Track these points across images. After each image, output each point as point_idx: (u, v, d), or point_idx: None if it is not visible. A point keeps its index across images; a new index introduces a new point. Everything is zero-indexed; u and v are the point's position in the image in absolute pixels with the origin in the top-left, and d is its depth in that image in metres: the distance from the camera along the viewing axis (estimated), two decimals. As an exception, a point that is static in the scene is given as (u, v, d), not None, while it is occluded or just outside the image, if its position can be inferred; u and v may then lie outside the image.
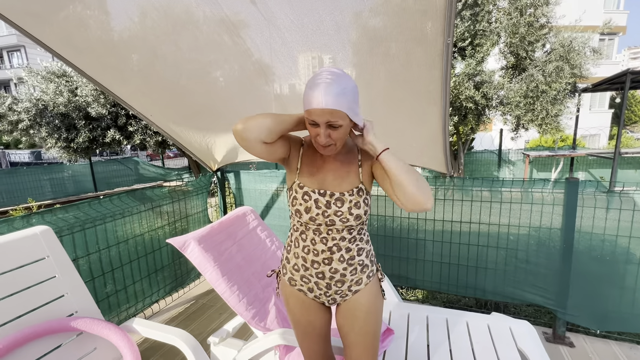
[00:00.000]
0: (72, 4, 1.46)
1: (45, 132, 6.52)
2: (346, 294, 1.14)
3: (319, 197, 1.06)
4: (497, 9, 5.58)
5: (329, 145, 1.00)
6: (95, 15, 1.56)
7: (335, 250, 1.08)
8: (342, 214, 1.05)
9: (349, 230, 1.08)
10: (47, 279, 1.55)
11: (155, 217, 2.61)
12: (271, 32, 1.61)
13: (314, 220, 1.07)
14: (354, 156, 1.12)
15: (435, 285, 2.63)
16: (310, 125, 0.99)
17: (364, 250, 1.13)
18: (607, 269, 2.12)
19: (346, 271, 1.10)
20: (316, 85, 0.92)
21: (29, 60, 23.59)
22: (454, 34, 5.45)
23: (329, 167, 1.10)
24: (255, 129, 0.96)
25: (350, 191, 1.06)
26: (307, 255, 1.12)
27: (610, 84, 6.37)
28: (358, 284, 1.13)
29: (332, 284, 1.12)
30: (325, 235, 1.08)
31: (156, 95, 2.20)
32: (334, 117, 0.93)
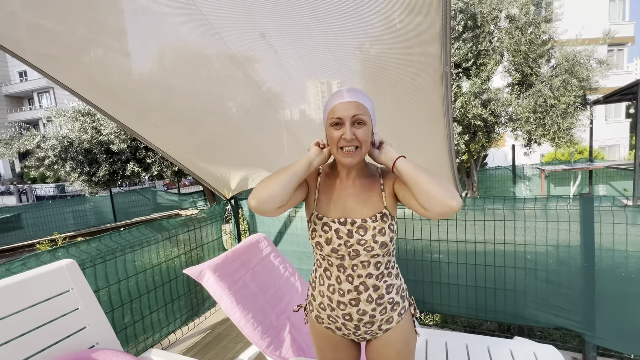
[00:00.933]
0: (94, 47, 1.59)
1: (69, 167, 6.88)
2: (377, 333, 1.07)
3: (339, 227, 1.00)
4: (498, 29, 5.71)
5: (355, 149, 0.96)
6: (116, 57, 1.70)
7: (362, 289, 1.00)
8: (366, 242, 0.98)
9: (376, 265, 1.01)
10: (71, 311, 1.61)
11: (171, 246, 2.69)
12: (278, 70, 1.73)
13: (336, 251, 1.00)
14: (375, 180, 1.06)
15: (453, 309, 2.55)
16: (333, 127, 0.96)
17: (394, 286, 1.05)
18: (635, 288, 2.02)
19: (375, 312, 1.02)
20: (338, 91, 0.99)
21: (57, 100, 25.28)
22: (458, 55, 5.58)
23: (348, 192, 1.04)
24: (269, 200, 0.92)
25: (373, 217, 0.99)
26: (332, 295, 1.04)
27: (622, 94, 6.29)
28: (389, 322, 1.05)
29: (360, 325, 1.04)
30: (350, 272, 1.00)
31: (172, 129, 2.33)
32: (360, 110, 0.94)
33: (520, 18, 5.50)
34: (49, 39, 1.46)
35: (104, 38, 1.54)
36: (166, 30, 1.52)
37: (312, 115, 2.10)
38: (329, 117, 0.98)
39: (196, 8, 1.36)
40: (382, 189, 1.04)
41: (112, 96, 1.95)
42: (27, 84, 26.92)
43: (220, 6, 1.38)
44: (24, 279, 1.51)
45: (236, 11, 1.39)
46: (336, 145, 0.98)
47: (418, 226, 2.62)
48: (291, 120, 2.24)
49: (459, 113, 5.66)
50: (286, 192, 0.94)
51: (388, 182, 1.05)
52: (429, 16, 1.27)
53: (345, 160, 0.98)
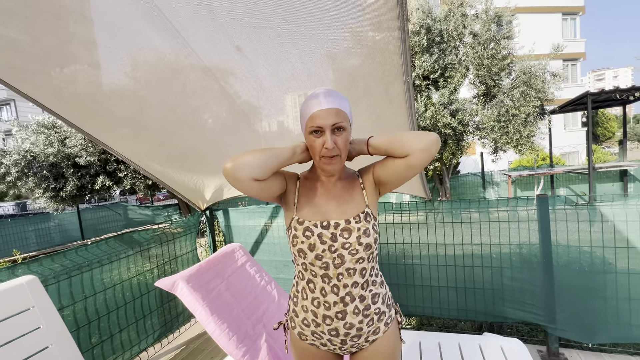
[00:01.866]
0: (61, 58, 1.55)
1: (32, 183, 6.51)
2: (363, 345, 1.04)
3: (322, 231, 0.96)
4: (463, 44, 6.08)
5: (335, 157, 0.95)
6: (85, 69, 1.68)
7: (348, 300, 0.97)
8: (351, 245, 0.95)
9: (362, 272, 0.98)
10: (31, 330, 1.53)
11: (143, 260, 2.60)
12: (253, 82, 1.77)
13: (320, 258, 0.96)
14: (355, 180, 1.06)
15: (428, 310, 2.62)
16: (312, 135, 0.94)
17: (379, 295, 1.02)
18: (588, 281, 2.18)
19: (362, 324, 0.99)
20: (315, 95, 0.94)
21: (19, 113, 23.90)
22: (425, 67, 5.87)
23: (330, 194, 1.02)
24: (246, 166, 0.88)
25: (356, 217, 0.97)
26: (317, 310, 0.99)
27: (575, 105, 6.83)
28: (375, 333, 1.02)
29: (347, 340, 1.01)
30: (336, 282, 0.97)
31: (144, 140, 2.30)
32: (339, 117, 0.92)
33: (482, 34, 5.91)
34: (12, 48, 1.43)
35: (71, 49, 1.52)
36: (138, 42, 1.53)
37: (290, 126, 2.15)
38: (307, 125, 0.94)
39: (167, 21, 1.39)
40: (362, 187, 1.04)
41: (79, 108, 1.91)
42: (-16, 96, 25.31)
43: (193, 18, 1.41)
44: (-21, 298, 1.43)
45: (209, 24, 1.43)
46: (318, 154, 0.96)
47: (391, 230, 2.71)
48: (269, 132, 2.28)
49: (429, 122, 5.92)
50: (264, 167, 0.91)
51: (367, 178, 1.04)
52: (393, 32, 1.37)
53: (327, 167, 0.98)
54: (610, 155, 16.61)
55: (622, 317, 2.11)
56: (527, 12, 15.74)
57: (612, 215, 2.15)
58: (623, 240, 2.12)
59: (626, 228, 2.12)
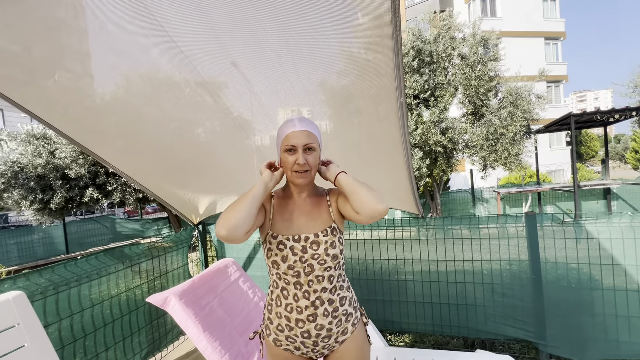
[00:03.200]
0: (57, 70, 1.55)
1: (18, 195, 6.34)
2: (334, 346, 1.14)
3: (294, 244, 1.08)
4: (451, 65, 6.32)
5: (305, 172, 1.09)
6: (79, 80, 1.68)
7: (318, 304, 1.08)
8: (319, 256, 1.07)
9: (329, 279, 1.09)
10: (15, 349, 1.47)
11: (132, 275, 2.55)
12: (249, 96, 1.81)
13: (292, 268, 1.07)
14: (323, 198, 1.19)
15: (420, 327, 2.62)
16: (287, 152, 1.09)
17: (346, 298, 1.15)
18: (577, 297, 2.22)
19: (332, 325, 1.10)
20: (291, 120, 1.12)
21: (6, 123, 23.48)
22: (415, 86, 6.06)
23: (301, 210, 1.15)
24: (236, 228, 0.97)
25: (324, 231, 1.10)
26: (290, 314, 1.10)
27: (559, 125, 7.10)
28: (344, 333, 1.14)
29: (318, 341, 1.11)
30: (307, 289, 1.08)
31: (138, 153, 2.30)
32: (310, 139, 1.09)
33: (470, 56, 6.16)
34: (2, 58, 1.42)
35: (64, 60, 1.53)
36: (135, 54, 1.55)
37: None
38: (283, 144, 1.11)
39: (167, 35, 1.42)
40: (329, 204, 1.17)
41: (73, 119, 1.91)
42: (-28, 105, 24.84)
43: (193, 35, 1.46)
44: (-37, 314, 1.38)
45: (209, 40, 1.47)
46: (290, 169, 1.10)
47: (384, 246, 2.73)
48: (262, 146, 2.31)
49: (420, 139, 6.06)
50: (251, 216, 1.01)
51: (333, 198, 1.18)
52: (385, 53, 1.44)
53: (298, 181, 1.11)
54: (593, 173, 17.12)
55: (609, 334, 2.15)
56: (512, 36, 16.48)
57: (597, 233, 2.22)
58: (608, 257, 2.19)
59: (610, 245, 2.19)
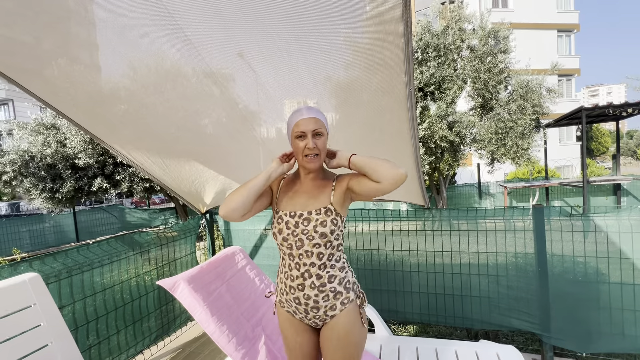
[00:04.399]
0: (64, 60, 1.59)
1: (29, 183, 6.47)
2: (324, 318, 1.22)
3: (289, 219, 1.19)
4: (460, 57, 6.22)
5: (315, 156, 1.17)
6: (87, 70, 1.70)
7: (307, 276, 1.17)
8: (308, 232, 1.15)
9: (319, 256, 1.16)
10: (32, 328, 1.53)
11: (142, 261, 2.61)
12: (257, 88, 1.82)
13: (286, 240, 1.18)
14: (329, 182, 1.25)
15: (424, 317, 2.64)
16: (297, 139, 1.17)
17: (336, 277, 1.19)
18: (583, 290, 2.22)
19: (318, 297, 1.18)
20: (299, 109, 1.20)
21: (17, 112, 23.81)
22: (422, 79, 5.99)
23: (304, 189, 1.24)
24: (232, 212, 1.14)
25: (317, 210, 1.17)
26: (286, 281, 1.23)
27: (570, 119, 6.97)
28: (333, 309, 1.19)
29: (308, 310, 1.20)
30: (297, 261, 1.18)
31: (147, 143, 2.33)
32: (318, 124, 1.17)
33: (479, 48, 6.05)
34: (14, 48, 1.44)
35: (73, 50, 1.54)
36: (143, 43, 1.55)
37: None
38: (293, 132, 1.19)
39: (176, 23, 1.43)
40: (332, 189, 1.23)
41: (83, 108, 1.94)
42: (-17, 95, 25.22)
43: (202, 24, 1.46)
44: (-18, 294, 1.44)
45: (217, 30, 1.48)
46: (301, 154, 1.19)
47: (390, 238, 2.74)
48: (267, 138, 2.32)
49: (426, 133, 6.01)
50: (247, 204, 1.16)
51: (340, 184, 1.22)
52: (394, 43, 1.43)
53: (309, 165, 1.19)
54: (604, 169, 16.85)
55: (615, 327, 2.14)
56: (523, 28, 16.12)
57: (606, 227, 2.20)
58: (616, 251, 2.17)
59: (619, 240, 2.17)
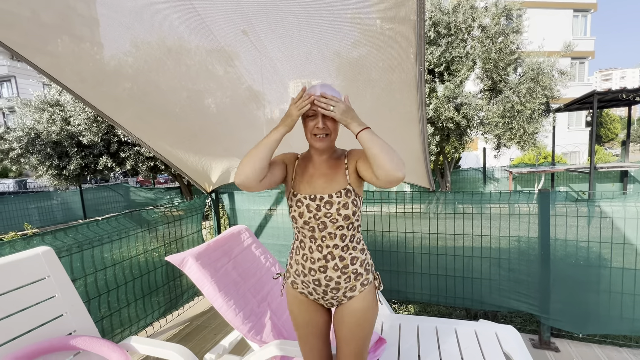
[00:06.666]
0: (66, 36, 1.58)
1: (36, 160, 6.53)
2: (342, 299, 1.23)
3: (309, 202, 1.17)
4: (471, 37, 6.03)
5: (325, 136, 1.15)
6: (88, 47, 1.68)
7: (329, 258, 1.18)
8: (332, 215, 1.14)
9: (342, 237, 1.17)
10: (47, 299, 1.59)
11: (150, 238, 2.66)
12: (263, 62, 1.78)
13: (307, 224, 1.17)
14: (341, 161, 1.23)
15: (425, 297, 2.71)
16: (307, 118, 1.15)
17: (358, 259, 1.21)
18: (584, 274, 2.25)
19: (340, 279, 1.19)
20: (313, 87, 1.15)
21: (20, 90, 23.68)
22: (431, 59, 5.84)
23: (319, 172, 1.22)
24: (248, 177, 1.07)
25: (338, 193, 1.16)
26: (305, 263, 1.22)
27: (581, 103, 6.82)
28: (352, 290, 1.21)
29: (327, 291, 1.21)
30: (320, 243, 1.18)
31: (152, 121, 2.32)
32: None
33: (491, 28, 5.85)
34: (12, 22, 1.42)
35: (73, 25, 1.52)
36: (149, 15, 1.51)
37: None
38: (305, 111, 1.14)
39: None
40: (346, 167, 1.21)
41: (88, 85, 1.92)
42: (-15, 71, 25.03)
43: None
44: (-1, 265, 1.48)
45: (227, 5, 1.44)
46: (310, 133, 1.17)
47: (394, 220, 2.76)
48: (271, 119, 2.30)
49: (432, 115, 5.92)
50: (263, 165, 1.10)
51: (352, 161, 1.20)
52: (404, 21, 1.38)
53: (318, 144, 1.17)
54: (612, 156, 16.63)
55: (613, 310, 2.19)
56: (537, 7, 15.51)
57: (611, 213, 2.20)
58: (620, 237, 2.18)
59: (624, 225, 2.17)
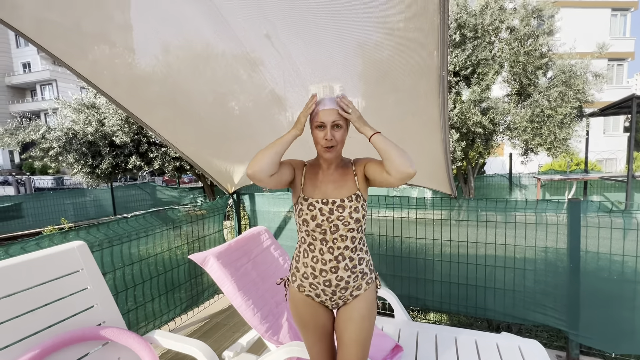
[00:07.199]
0: (100, 43, 1.70)
1: (72, 159, 6.95)
2: (348, 298, 1.30)
3: (322, 206, 1.23)
4: (498, 39, 5.84)
5: (333, 147, 1.22)
6: (121, 52, 1.78)
7: (340, 259, 1.24)
8: (344, 218, 1.22)
9: (352, 239, 1.25)
10: (80, 290, 1.69)
11: (174, 236, 2.77)
12: (286, 66, 1.82)
13: (320, 226, 1.23)
14: (349, 168, 1.32)
15: (445, 306, 2.64)
16: (317, 129, 1.23)
17: (364, 260, 1.31)
18: (617, 289, 2.12)
19: (350, 278, 1.26)
20: (322, 100, 1.24)
21: (60, 92, 25.32)
22: (456, 62, 5.71)
23: (329, 179, 1.30)
24: (261, 170, 1.15)
25: (349, 197, 1.24)
26: (315, 265, 1.27)
27: (618, 108, 6.43)
28: (358, 289, 1.29)
29: (337, 291, 1.27)
30: (331, 245, 1.24)
31: (179, 122, 2.43)
32: (338, 116, 1.20)
33: (520, 29, 5.64)
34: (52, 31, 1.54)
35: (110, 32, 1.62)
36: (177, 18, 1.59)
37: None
38: (314, 121, 1.24)
39: (211, 2, 1.45)
40: (354, 174, 1.30)
41: (120, 88, 2.04)
42: (30, 75, 26.95)
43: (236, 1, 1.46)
44: (38, 257, 1.60)
45: (251, 7, 1.48)
46: (319, 144, 1.24)
47: (414, 226, 2.72)
48: (293, 123, 2.33)
49: (457, 120, 5.77)
50: (275, 162, 1.18)
51: (359, 168, 1.30)
52: (428, 24, 1.37)
53: (326, 155, 1.25)
54: (652, 164, 15.49)
55: (650, 330, 2.04)
56: (573, 7, 14.79)
57: (650, 225, 2.06)
58: (659, 251, 2.04)
59: (664, 239, 2.03)
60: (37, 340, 1.44)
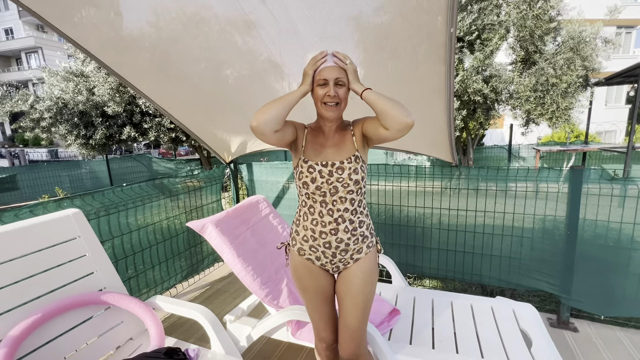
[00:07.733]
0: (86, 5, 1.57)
1: (65, 130, 6.78)
2: (348, 262, 1.30)
3: (322, 168, 1.22)
4: (506, 2, 5.55)
5: (335, 105, 1.19)
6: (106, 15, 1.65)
7: (340, 221, 1.24)
8: (343, 179, 1.21)
9: (351, 201, 1.24)
10: (78, 257, 1.69)
11: (172, 205, 2.75)
12: (284, 25, 1.70)
13: (319, 189, 1.22)
14: (348, 131, 1.30)
15: (441, 272, 2.69)
16: (319, 87, 1.18)
17: (364, 223, 1.30)
18: (612, 256, 2.15)
19: (350, 241, 1.26)
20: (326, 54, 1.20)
21: (47, 60, 24.30)
22: (461, 27, 5.45)
23: (329, 142, 1.28)
24: (266, 123, 1.10)
25: (348, 159, 1.23)
26: (315, 227, 1.27)
27: (624, 77, 6.26)
28: (359, 252, 1.29)
29: (337, 253, 1.28)
30: (331, 207, 1.23)
31: (172, 89, 2.31)
32: (341, 74, 1.17)
33: (529, -9, 5.33)
34: None
35: None
36: None
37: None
38: (316, 79, 1.19)
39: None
40: (352, 134, 1.28)
41: (110, 53, 1.92)
42: (13, 42, 25.68)
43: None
44: (32, 224, 1.57)
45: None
46: (320, 101, 1.20)
47: (413, 195, 2.71)
48: (291, 90, 2.23)
49: (459, 87, 5.62)
50: (281, 117, 1.13)
51: (357, 128, 1.27)
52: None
53: (327, 113, 1.21)
54: (652, 136, 15.45)
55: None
56: (584, -31, 13.98)
57: (649, 193, 2.05)
58: (656, 219, 2.05)
59: (662, 207, 2.03)
60: (38, 305, 1.45)
